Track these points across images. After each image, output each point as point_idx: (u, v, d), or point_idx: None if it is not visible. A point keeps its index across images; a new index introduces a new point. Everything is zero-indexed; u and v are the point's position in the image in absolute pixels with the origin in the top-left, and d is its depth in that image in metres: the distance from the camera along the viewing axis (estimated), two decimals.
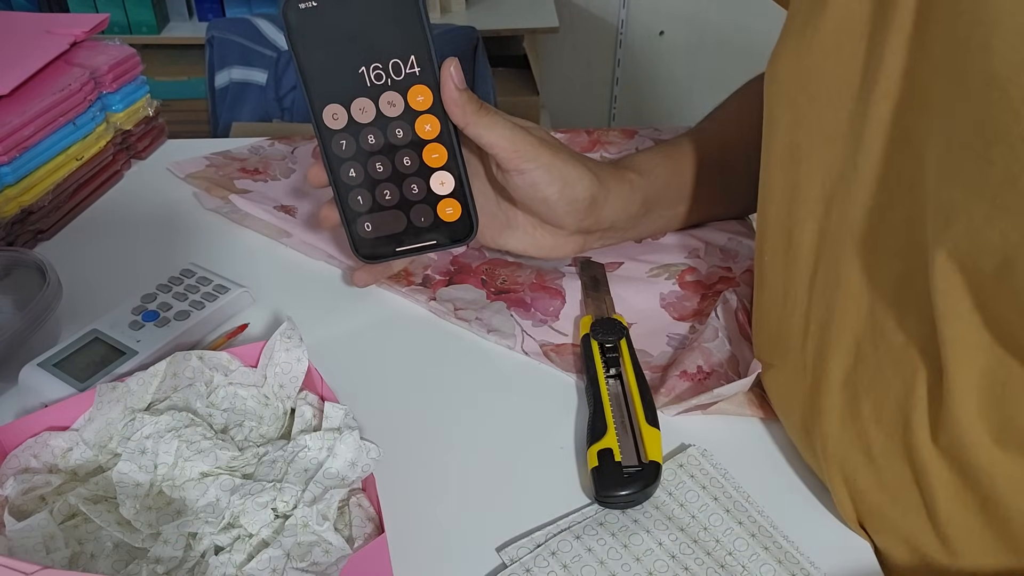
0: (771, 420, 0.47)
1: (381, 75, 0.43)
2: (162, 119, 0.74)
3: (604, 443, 0.42)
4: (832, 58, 0.38)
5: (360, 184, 0.45)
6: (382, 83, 0.43)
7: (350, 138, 0.43)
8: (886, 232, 0.37)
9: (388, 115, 0.44)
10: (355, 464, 0.40)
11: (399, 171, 0.45)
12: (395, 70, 0.43)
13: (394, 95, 0.43)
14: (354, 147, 0.44)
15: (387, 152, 0.45)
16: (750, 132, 0.60)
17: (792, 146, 0.41)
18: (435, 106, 0.45)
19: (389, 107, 0.43)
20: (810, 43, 0.39)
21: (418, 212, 0.48)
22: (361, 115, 0.43)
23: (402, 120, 0.44)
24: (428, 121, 0.44)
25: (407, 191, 0.47)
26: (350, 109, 0.43)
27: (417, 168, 0.46)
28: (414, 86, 0.44)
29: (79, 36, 0.68)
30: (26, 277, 0.51)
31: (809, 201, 0.41)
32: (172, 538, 0.37)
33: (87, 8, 1.84)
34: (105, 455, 0.41)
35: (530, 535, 0.40)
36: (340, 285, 0.57)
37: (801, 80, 0.40)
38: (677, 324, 0.53)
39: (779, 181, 0.42)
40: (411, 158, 0.45)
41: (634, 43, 2.28)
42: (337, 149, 0.43)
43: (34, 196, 0.60)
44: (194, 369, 0.44)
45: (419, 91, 0.44)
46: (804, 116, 0.40)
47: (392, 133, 0.44)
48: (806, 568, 0.38)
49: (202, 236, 0.62)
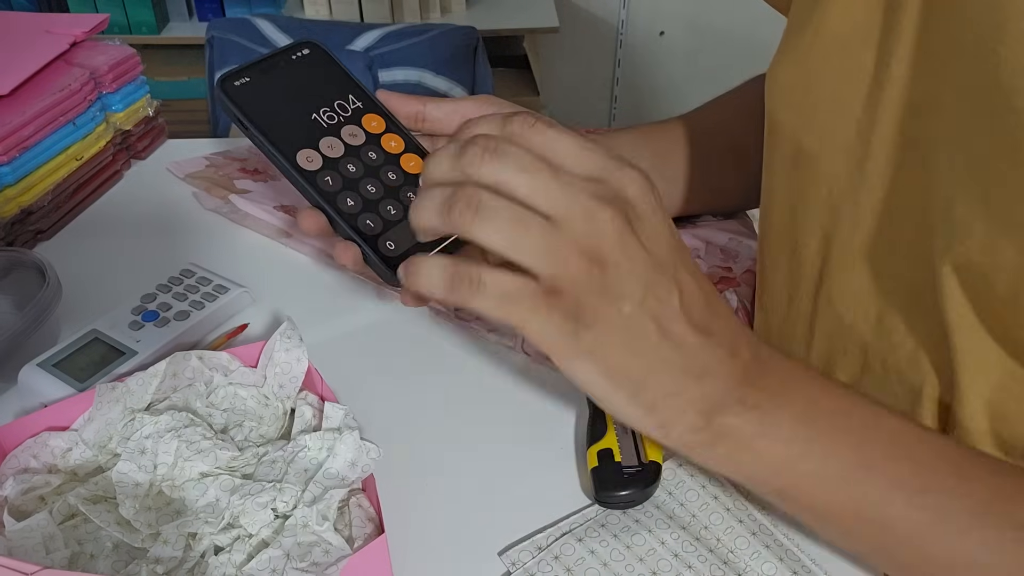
0: None
1: (333, 115, 0.46)
2: (162, 119, 0.74)
3: (604, 443, 0.42)
4: (837, 65, 0.38)
5: (363, 209, 0.46)
6: (335, 122, 0.46)
7: (332, 172, 0.45)
8: (895, 240, 0.37)
9: (354, 144, 0.46)
10: (355, 464, 0.40)
11: (390, 186, 0.47)
12: (341, 108, 0.46)
13: (352, 127, 0.46)
14: (340, 179, 0.46)
15: (371, 174, 0.47)
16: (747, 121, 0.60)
17: (797, 152, 0.41)
18: (389, 124, 0.47)
19: (352, 138, 0.46)
20: (814, 49, 0.38)
21: None
22: (331, 151, 0.45)
23: (369, 144, 0.46)
24: (392, 139, 0.47)
25: (405, 200, 0.47)
26: (320, 149, 0.45)
27: (404, 179, 0.47)
28: (365, 115, 0.47)
29: (79, 36, 0.68)
30: (26, 277, 0.51)
31: (815, 207, 0.40)
32: (172, 538, 0.36)
33: (87, 8, 1.84)
34: (105, 455, 0.41)
35: (531, 538, 0.39)
36: (340, 285, 0.57)
37: (805, 86, 0.39)
38: None
39: (783, 186, 0.42)
40: (394, 172, 0.47)
41: (634, 43, 2.28)
42: (324, 186, 0.45)
43: (34, 196, 0.60)
44: (194, 369, 0.44)
45: (370, 118, 0.47)
46: (808, 122, 0.40)
47: (367, 157, 0.46)
48: (807, 565, 0.38)
49: (202, 236, 0.62)
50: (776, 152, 0.42)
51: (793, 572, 0.38)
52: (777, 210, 0.43)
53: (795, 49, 0.40)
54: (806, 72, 0.39)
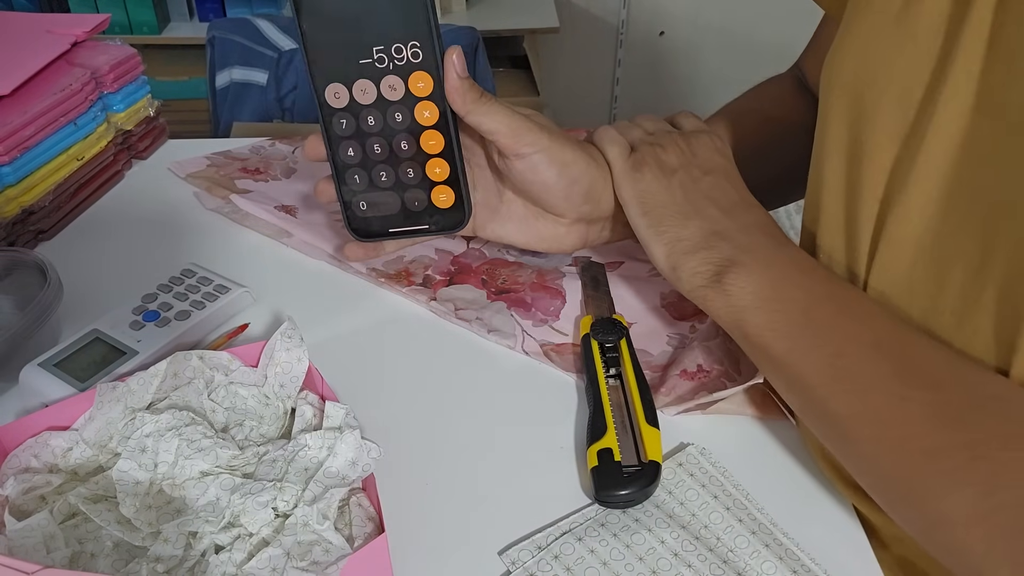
0: (771, 420, 0.47)
1: (384, 58, 0.43)
2: (163, 119, 0.74)
3: (604, 443, 0.42)
4: (906, 56, 0.38)
5: (358, 164, 0.46)
6: (384, 66, 0.43)
7: (350, 117, 0.44)
8: (950, 237, 0.37)
9: (389, 98, 0.44)
10: (355, 463, 0.40)
11: (396, 154, 0.46)
12: (397, 54, 0.43)
13: (395, 79, 0.43)
14: (354, 126, 0.44)
15: (386, 135, 0.45)
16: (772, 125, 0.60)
17: (854, 143, 0.41)
18: (435, 93, 0.45)
19: (390, 90, 0.43)
20: (877, 39, 0.38)
21: (412, 196, 0.49)
22: (362, 96, 0.43)
23: (402, 104, 0.44)
24: (427, 108, 0.45)
25: (403, 175, 0.47)
26: (352, 89, 0.43)
27: (414, 153, 0.46)
28: (415, 71, 0.44)
29: (80, 36, 0.68)
30: (27, 277, 0.51)
31: (869, 200, 0.40)
32: (172, 537, 0.37)
33: (88, 8, 1.84)
34: (105, 455, 0.41)
35: (531, 537, 0.40)
36: (341, 285, 0.57)
37: (869, 77, 0.39)
38: (677, 324, 0.53)
39: (838, 178, 0.42)
40: (408, 143, 0.45)
41: (635, 43, 2.28)
42: (337, 128, 0.44)
43: (35, 196, 0.60)
44: (194, 369, 0.44)
45: (420, 77, 0.44)
46: (868, 113, 0.40)
47: (392, 116, 0.44)
48: (807, 564, 0.38)
49: (202, 236, 0.62)
50: (828, 142, 0.42)
51: (793, 571, 0.38)
52: (831, 199, 0.43)
53: (861, 41, 0.40)
54: (873, 63, 0.39)
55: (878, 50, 0.39)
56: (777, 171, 0.59)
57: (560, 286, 0.56)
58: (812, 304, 0.41)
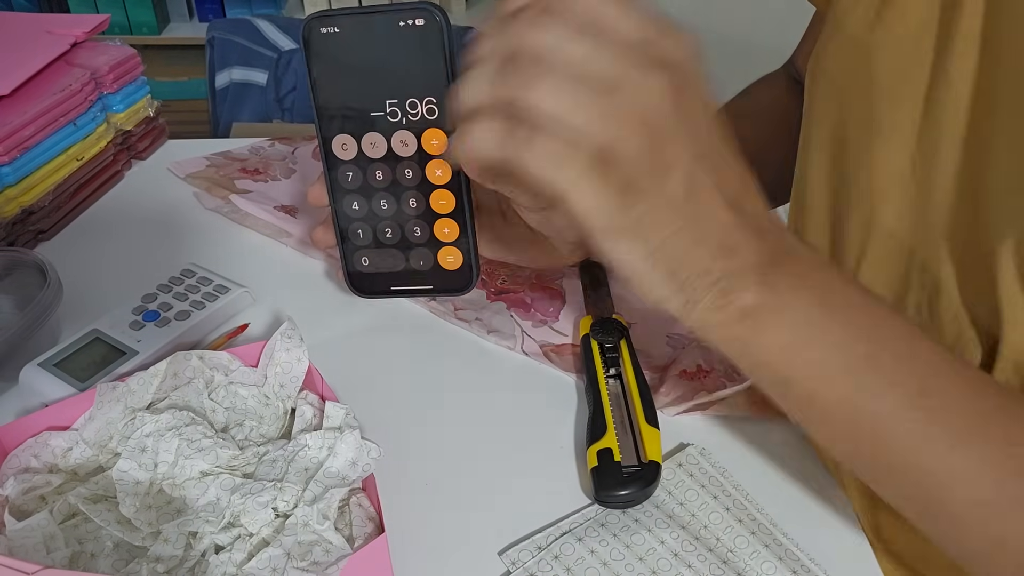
0: (771, 420, 0.47)
1: (397, 112, 0.41)
2: (162, 119, 0.74)
3: (604, 443, 0.42)
4: (893, 57, 0.38)
5: (362, 218, 0.43)
6: (397, 120, 0.41)
7: (357, 171, 0.42)
8: (947, 230, 0.37)
9: (400, 154, 0.41)
10: (356, 463, 0.40)
11: (404, 212, 0.43)
12: (412, 109, 0.40)
13: (407, 135, 0.41)
14: (360, 180, 0.42)
15: (394, 191, 0.43)
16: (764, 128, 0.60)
17: (839, 140, 0.40)
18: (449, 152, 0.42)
19: (401, 146, 0.41)
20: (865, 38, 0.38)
21: (418, 255, 0.46)
22: (372, 150, 0.41)
23: (413, 161, 0.42)
24: (440, 166, 0.42)
25: (409, 233, 0.45)
26: (361, 142, 0.41)
27: (423, 212, 0.43)
28: (430, 128, 0.41)
29: (80, 36, 0.68)
30: (26, 277, 0.51)
31: (856, 195, 0.40)
32: (172, 537, 0.37)
33: (87, 8, 1.84)
34: (105, 455, 0.41)
35: (531, 537, 0.40)
36: (340, 285, 0.57)
37: (853, 76, 0.39)
38: (677, 324, 0.53)
39: (823, 174, 0.42)
40: (417, 200, 0.43)
41: None
42: (343, 180, 0.41)
43: (35, 196, 0.60)
44: (194, 369, 0.44)
45: (434, 135, 0.41)
46: (854, 111, 0.39)
47: (401, 173, 0.42)
48: (806, 565, 0.38)
49: (202, 236, 0.62)
50: (813, 140, 0.42)
51: (793, 572, 0.38)
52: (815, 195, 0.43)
53: (846, 40, 0.39)
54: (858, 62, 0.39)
55: (864, 51, 0.39)
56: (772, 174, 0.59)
57: (560, 286, 0.56)
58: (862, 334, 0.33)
